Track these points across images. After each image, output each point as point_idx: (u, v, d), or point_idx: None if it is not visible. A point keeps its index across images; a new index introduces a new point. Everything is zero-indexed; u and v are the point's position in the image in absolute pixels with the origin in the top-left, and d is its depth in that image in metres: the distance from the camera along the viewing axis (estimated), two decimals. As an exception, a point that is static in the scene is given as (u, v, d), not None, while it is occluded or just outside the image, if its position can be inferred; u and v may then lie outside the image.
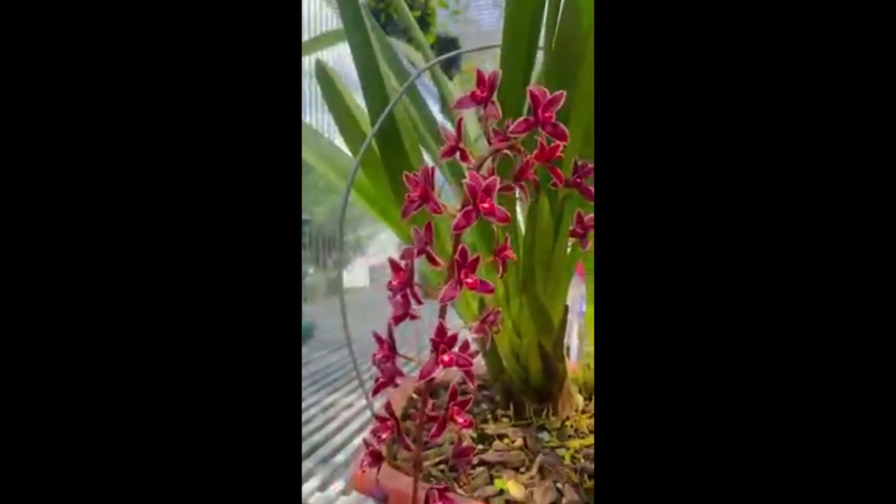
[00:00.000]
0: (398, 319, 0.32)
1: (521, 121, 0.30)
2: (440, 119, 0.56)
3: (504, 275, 0.32)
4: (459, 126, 0.32)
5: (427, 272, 0.46)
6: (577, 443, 0.41)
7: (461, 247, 0.30)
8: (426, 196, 0.31)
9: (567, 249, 0.43)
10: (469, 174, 0.29)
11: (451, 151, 0.32)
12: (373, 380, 0.33)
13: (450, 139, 0.32)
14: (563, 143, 0.31)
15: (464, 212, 0.29)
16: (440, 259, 0.31)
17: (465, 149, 0.32)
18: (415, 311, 0.32)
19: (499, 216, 0.29)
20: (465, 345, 0.30)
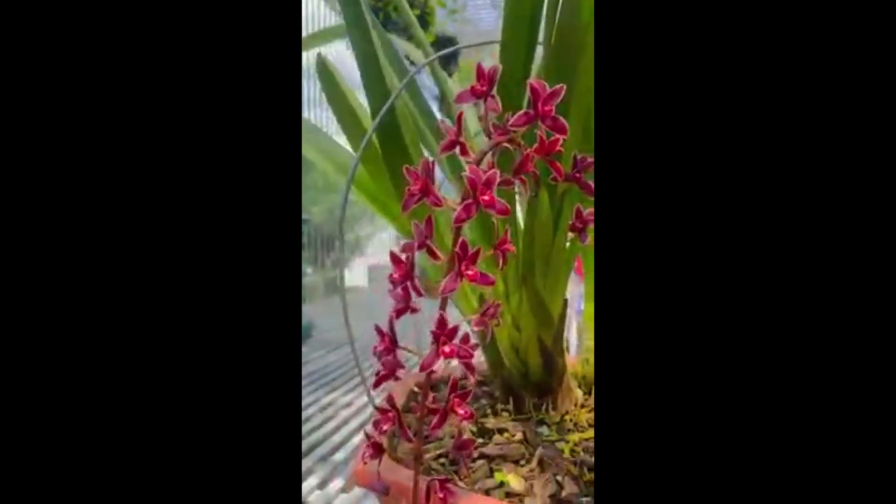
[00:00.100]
0: (399, 312, 0.32)
1: (521, 114, 0.30)
2: (440, 117, 0.56)
3: (504, 267, 0.32)
4: (459, 120, 0.32)
5: (427, 267, 0.46)
6: (577, 436, 0.41)
7: (461, 239, 0.30)
8: (426, 189, 0.31)
9: (566, 244, 0.43)
10: (469, 167, 0.29)
11: (451, 146, 0.32)
12: (374, 375, 0.33)
13: (450, 133, 0.32)
14: (563, 137, 0.31)
15: (464, 205, 0.29)
16: (440, 253, 0.31)
17: (465, 143, 0.32)
18: (415, 305, 0.32)
19: (499, 209, 0.29)
20: (466, 337, 0.30)
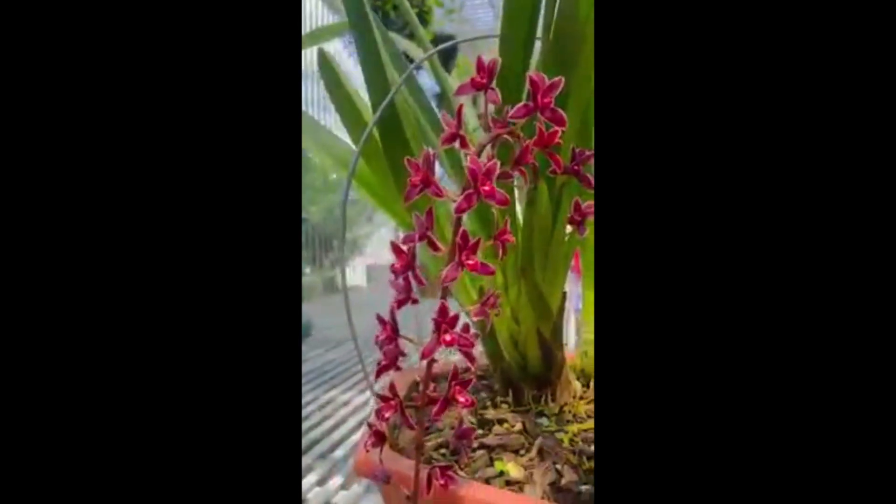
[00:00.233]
0: (401, 303, 0.33)
1: (521, 106, 0.31)
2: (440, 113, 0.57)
3: (504, 257, 0.33)
4: (460, 113, 0.32)
5: (427, 261, 0.46)
6: (576, 427, 0.42)
7: (462, 229, 0.30)
8: (428, 180, 0.31)
9: (565, 237, 0.44)
10: (470, 158, 0.30)
11: (452, 138, 0.33)
12: (376, 366, 0.33)
13: (450, 126, 0.32)
14: (562, 129, 0.31)
15: (465, 194, 0.30)
16: (441, 245, 0.32)
17: (465, 136, 0.32)
18: (416, 295, 0.33)
19: (499, 199, 0.30)
20: (466, 327, 0.31)
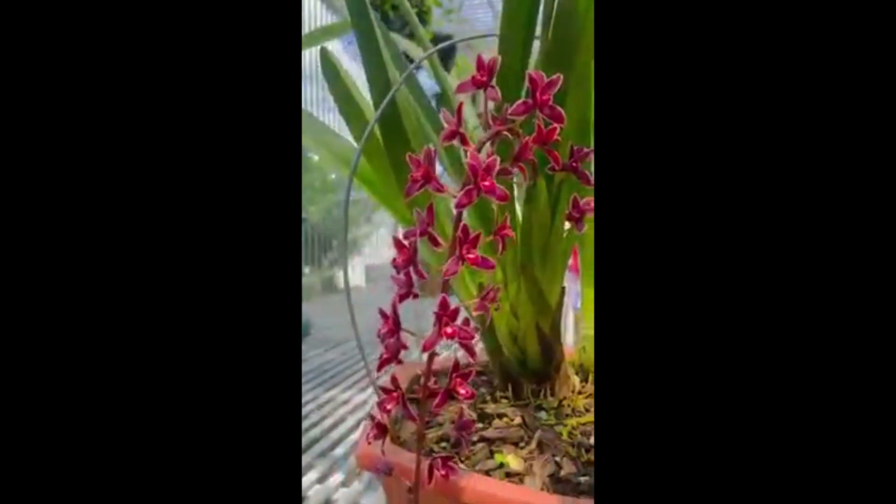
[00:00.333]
0: (402, 297, 0.33)
1: (520, 103, 0.32)
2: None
3: (503, 252, 0.33)
4: (460, 110, 0.33)
5: (427, 258, 0.47)
6: (574, 420, 0.42)
7: (462, 224, 0.31)
8: (428, 176, 0.32)
9: (564, 233, 0.44)
10: (470, 153, 0.30)
11: (452, 136, 0.33)
12: (377, 360, 0.34)
13: (450, 123, 0.33)
14: (560, 126, 0.32)
15: (465, 190, 0.30)
16: (441, 240, 0.32)
17: (465, 134, 0.33)
18: (417, 290, 0.33)
19: (498, 194, 0.30)
20: (466, 321, 0.31)
